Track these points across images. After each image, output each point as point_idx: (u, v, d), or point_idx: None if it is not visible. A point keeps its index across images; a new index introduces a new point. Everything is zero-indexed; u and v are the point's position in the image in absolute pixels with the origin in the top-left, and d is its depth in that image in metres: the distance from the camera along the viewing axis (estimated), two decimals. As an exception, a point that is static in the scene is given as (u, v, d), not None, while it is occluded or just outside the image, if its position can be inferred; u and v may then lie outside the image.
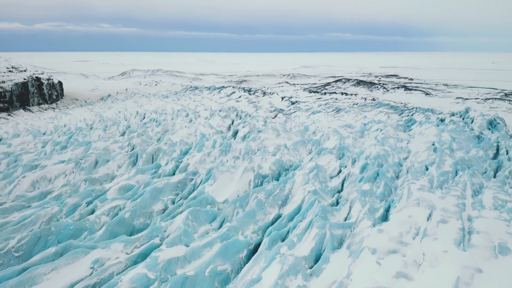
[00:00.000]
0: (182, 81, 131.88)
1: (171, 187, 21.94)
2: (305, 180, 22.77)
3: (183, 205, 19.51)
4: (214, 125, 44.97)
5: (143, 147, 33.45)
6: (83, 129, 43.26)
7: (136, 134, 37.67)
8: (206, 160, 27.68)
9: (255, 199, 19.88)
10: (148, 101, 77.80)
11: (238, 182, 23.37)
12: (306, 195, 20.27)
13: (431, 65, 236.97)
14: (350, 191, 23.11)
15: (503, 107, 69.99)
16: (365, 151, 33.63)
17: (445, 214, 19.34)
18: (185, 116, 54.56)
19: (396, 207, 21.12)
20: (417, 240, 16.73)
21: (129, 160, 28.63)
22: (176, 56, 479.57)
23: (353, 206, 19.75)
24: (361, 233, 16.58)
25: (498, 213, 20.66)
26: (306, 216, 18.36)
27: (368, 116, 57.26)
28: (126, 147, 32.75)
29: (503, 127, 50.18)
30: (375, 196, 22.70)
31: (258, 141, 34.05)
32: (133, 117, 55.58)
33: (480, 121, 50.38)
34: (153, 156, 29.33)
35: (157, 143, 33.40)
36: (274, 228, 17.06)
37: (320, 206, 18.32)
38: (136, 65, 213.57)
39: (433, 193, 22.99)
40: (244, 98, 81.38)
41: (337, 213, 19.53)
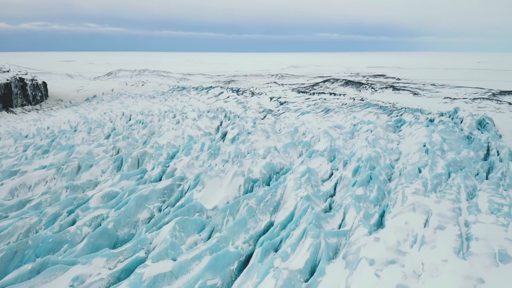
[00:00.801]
0: (169, 81, 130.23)
1: (157, 194, 20.95)
2: (297, 185, 21.99)
3: (170, 214, 18.57)
4: (202, 127, 43.99)
5: (129, 150, 32.37)
6: (66, 131, 41.91)
7: (122, 137, 36.48)
8: (194, 164, 26.72)
9: (245, 206, 19.03)
10: (134, 102, 76.40)
11: (227, 187, 22.49)
12: (299, 201, 19.49)
13: (417, 65, 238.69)
14: (343, 195, 22.40)
15: (491, 107, 70.19)
16: (356, 153, 33.05)
17: (442, 220, 18.75)
18: (172, 118, 53.42)
19: (391, 212, 20.48)
20: (415, 249, 16.06)
21: (113, 164, 27.51)
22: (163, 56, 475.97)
23: (348, 212, 19.03)
24: (357, 242, 15.85)
25: (495, 218, 20.15)
26: (299, 224, 17.57)
27: (357, 116, 56.82)
28: (110, 151, 31.60)
29: (492, 127, 50.12)
30: (369, 201, 22.04)
31: (248, 144, 33.21)
32: (119, 118, 54.27)
33: (470, 121, 50.24)
34: (139, 160, 28.25)
35: (143, 146, 32.36)
36: (266, 238, 16.23)
37: (314, 213, 17.55)
38: (123, 65, 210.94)
39: (428, 197, 22.43)
40: (233, 98, 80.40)
41: (331, 220, 18.78)
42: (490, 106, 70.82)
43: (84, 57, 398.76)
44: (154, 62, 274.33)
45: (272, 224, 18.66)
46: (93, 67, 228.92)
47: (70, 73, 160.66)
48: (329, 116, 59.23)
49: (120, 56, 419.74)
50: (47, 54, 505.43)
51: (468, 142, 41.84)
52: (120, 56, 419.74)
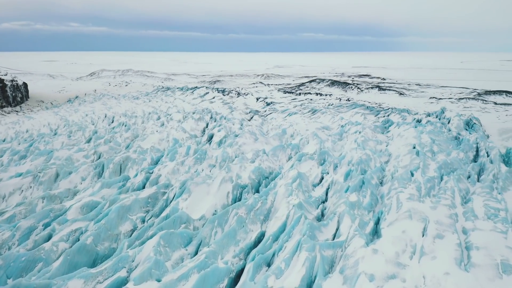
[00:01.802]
0: (153, 82, 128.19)
1: (140, 203, 19.72)
2: (288, 191, 21.00)
3: (154, 226, 17.38)
4: (188, 129, 42.72)
5: (111, 155, 30.97)
6: (46, 135, 40.18)
7: (103, 141, 35.02)
8: (179, 170, 25.51)
9: (235, 216, 17.95)
10: (117, 103, 74.57)
11: (215, 194, 21.37)
12: (291, 209, 18.49)
13: (401, 64, 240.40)
14: (336, 202, 21.48)
15: (477, 107, 70.33)
16: (346, 156, 32.26)
17: (440, 228, 17.97)
18: (157, 119, 51.97)
19: (386, 220, 19.64)
20: (415, 260, 15.21)
21: (94, 171, 26.10)
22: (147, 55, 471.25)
23: (342, 221, 18.10)
24: (354, 254, 14.93)
25: (493, 224, 19.48)
26: (292, 235, 16.57)
27: (344, 117, 56.19)
28: (91, 156, 30.16)
29: (479, 127, 49.98)
30: (362, 208, 21.17)
31: (235, 147, 32.12)
32: (101, 120, 52.60)
33: (457, 122, 50.02)
34: (121, 166, 26.89)
35: (126, 151, 30.98)
36: (258, 252, 15.18)
37: (307, 224, 16.57)
38: (106, 65, 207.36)
39: (423, 203, 21.69)
40: (218, 99, 79.15)
41: (324, 229, 17.83)
42: (476, 106, 70.96)
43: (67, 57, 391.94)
44: (138, 62, 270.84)
45: (263, 235, 17.63)
46: (76, 67, 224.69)
47: (52, 73, 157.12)
48: (316, 117, 58.44)
49: (104, 56, 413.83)
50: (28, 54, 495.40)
51: (456, 143, 41.45)
52: (104, 56, 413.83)
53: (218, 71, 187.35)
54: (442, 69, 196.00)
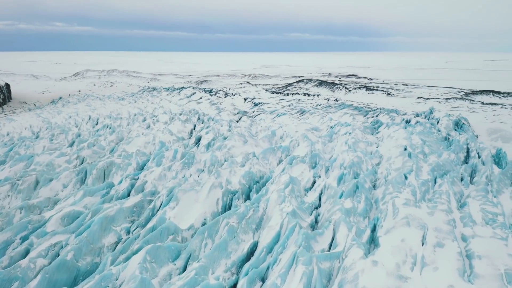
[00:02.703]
0: (139, 82, 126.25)
1: (125, 213, 18.63)
2: (281, 198, 20.14)
3: (140, 238, 16.34)
4: (175, 131, 41.58)
5: (94, 159, 29.73)
6: (26, 139, 38.65)
7: (87, 144, 33.71)
8: (166, 176, 24.43)
9: (226, 226, 17.01)
10: (102, 104, 72.91)
11: (204, 202, 20.39)
12: (284, 217, 17.61)
13: (387, 64, 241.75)
14: (330, 208, 20.67)
15: (464, 107, 70.40)
16: (338, 158, 31.55)
17: (439, 235, 17.29)
18: (142, 121, 50.68)
19: (382, 227, 18.90)
20: (416, 272, 14.47)
21: (76, 177, 24.86)
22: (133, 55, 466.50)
23: (338, 229, 17.29)
24: (353, 267, 14.11)
25: (492, 230, 18.90)
26: (287, 245, 15.70)
27: (333, 118, 55.55)
28: (74, 161, 28.87)
29: (468, 127, 49.81)
30: (358, 214, 20.42)
31: (224, 150, 31.14)
32: (85, 122, 51.10)
33: (446, 122, 49.74)
34: (105, 172, 25.69)
35: (110, 155, 29.76)
36: (251, 266, 14.28)
37: (303, 234, 15.71)
38: (91, 65, 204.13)
39: (419, 208, 21.02)
40: (205, 99, 78.02)
41: (320, 239, 17.00)
42: (463, 106, 71.02)
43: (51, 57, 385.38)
44: (124, 62, 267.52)
45: (256, 245, 16.73)
46: (60, 67, 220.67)
47: (36, 73, 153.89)
48: (305, 117, 57.74)
49: (88, 56, 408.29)
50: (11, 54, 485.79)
51: (447, 144, 41.08)
52: (88, 56, 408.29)
53: (205, 71, 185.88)
54: (427, 69, 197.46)
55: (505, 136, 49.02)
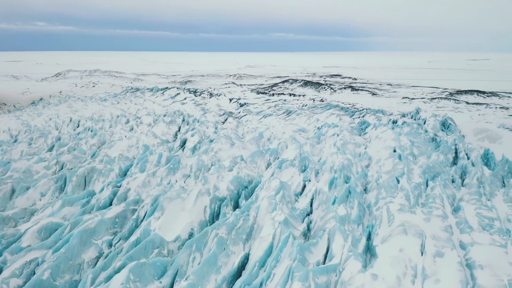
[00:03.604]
0: (122, 82, 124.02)
1: (107, 224, 17.48)
2: (272, 205, 19.23)
3: (123, 252, 15.23)
4: (159, 134, 40.36)
5: (75, 165, 28.41)
6: (4, 143, 36.99)
7: (67, 149, 32.30)
8: (150, 183, 23.29)
9: (215, 238, 16.02)
10: (84, 105, 71.04)
11: (191, 210, 19.36)
12: (277, 227, 16.70)
13: (371, 64, 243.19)
14: (323, 215, 19.86)
15: (450, 107, 70.63)
16: (327, 161, 30.80)
17: (438, 244, 16.61)
18: (125, 123, 49.26)
19: (378, 235, 18.16)
20: (418, 285, 13.76)
21: (55, 185, 23.52)
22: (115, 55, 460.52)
23: (333, 239, 16.46)
24: (352, 281, 13.30)
25: (490, 236, 18.31)
26: (280, 258, 14.80)
27: (320, 118, 54.98)
28: (53, 167, 27.48)
29: (455, 128, 49.76)
30: (352, 221, 19.64)
31: (211, 154, 30.10)
32: (66, 125, 49.43)
33: (433, 122, 49.59)
34: (86, 179, 24.40)
35: (91, 160, 28.46)
36: (244, 282, 13.34)
37: (297, 246, 14.83)
38: (73, 65, 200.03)
39: (414, 214, 20.34)
40: (190, 100, 76.79)
41: (314, 249, 16.16)
42: (448, 106, 71.22)
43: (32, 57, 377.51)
44: (106, 62, 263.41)
45: (247, 258, 15.78)
46: (41, 67, 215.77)
47: (16, 74, 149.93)
48: (292, 118, 57.06)
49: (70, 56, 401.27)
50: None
51: (435, 144, 40.79)
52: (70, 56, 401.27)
53: (189, 71, 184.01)
54: (410, 68, 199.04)
55: (491, 136, 49.07)
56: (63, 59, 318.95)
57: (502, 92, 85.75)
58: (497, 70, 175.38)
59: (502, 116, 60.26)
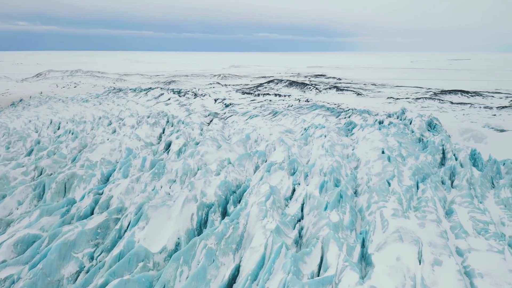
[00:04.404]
0: (104, 83, 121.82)
1: (88, 236, 16.46)
2: (262, 212, 18.45)
3: (105, 267, 14.26)
4: (142, 136, 39.22)
5: (54, 170, 27.18)
6: (-21, 147, 35.43)
7: (46, 153, 30.97)
8: (134, 189, 22.28)
9: (203, 249, 15.16)
10: (65, 106, 69.18)
11: (177, 218, 18.45)
12: (269, 236, 15.92)
13: (354, 64, 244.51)
14: (315, 222, 19.17)
15: (434, 107, 70.99)
16: (316, 163, 30.22)
17: (435, 251, 16.04)
18: (108, 125, 47.91)
19: (373, 242, 17.54)
20: (417, 297, 13.12)
21: (33, 192, 22.31)
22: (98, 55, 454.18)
23: (327, 248, 15.76)
24: (349, 295, 12.59)
25: (486, 241, 17.86)
26: (273, 270, 14.04)
27: (306, 119, 54.52)
28: (31, 172, 26.22)
29: (441, 128, 49.81)
30: (344, 227, 18.98)
31: (197, 157, 29.18)
32: (46, 127, 47.86)
33: (419, 123, 49.55)
34: (66, 185, 23.23)
35: (72, 165, 27.25)
36: (235, 298, 12.51)
37: (291, 257, 14.08)
38: (54, 65, 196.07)
39: (408, 219, 19.81)
40: (174, 100, 75.56)
41: (308, 259, 15.44)
42: (433, 106, 71.56)
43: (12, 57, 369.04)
44: (88, 62, 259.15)
45: (238, 269, 14.97)
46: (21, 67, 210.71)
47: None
48: (278, 119, 56.44)
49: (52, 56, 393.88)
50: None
51: (422, 145, 40.62)
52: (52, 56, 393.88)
53: (173, 71, 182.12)
54: (393, 68, 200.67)
55: (476, 136, 49.29)
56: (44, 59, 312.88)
57: (485, 92, 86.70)
58: (478, 70, 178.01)
59: (486, 116, 60.71)
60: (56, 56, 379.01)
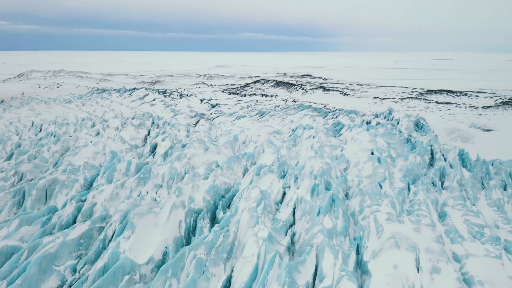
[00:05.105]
0: (88, 83, 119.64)
1: (70, 247, 15.57)
2: (254, 219, 17.79)
3: (89, 281, 13.43)
4: (127, 138, 38.17)
5: (35, 175, 26.08)
6: (-44, 150, 33.98)
7: (27, 157, 29.81)
8: (119, 195, 21.38)
9: (193, 260, 14.42)
10: (47, 107, 67.43)
11: (164, 226, 17.66)
12: (261, 245, 15.25)
13: (339, 64, 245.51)
14: (308, 228, 18.58)
15: (420, 106, 71.24)
16: (306, 166, 29.64)
17: (433, 258, 15.57)
18: (91, 127, 46.69)
19: (367, 248, 17.03)
20: (417, 308, 12.61)
21: (12, 200, 21.24)
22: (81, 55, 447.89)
23: (322, 256, 15.17)
24: (347, 308, 12.01)
25: (483, 246, 17.50)
26: (267, 282, 13.40)
27: (294, 120, 54.05)
28: (11, 178, 25.08)
29: (428, 128, 49.89)
30: (338, 233, 18.41)
31: (184, 160, 28.36)
32: (27, 130, 46.38)
33: (407, 123, 49.55)
34: (47, 192, 22.19)
35: (54, 170, 26.15)
36: (228, 314, 11.83)
37: (286, 267, 13.45)
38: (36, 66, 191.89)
39: (403, 223, 19.36)
40: (159, 101, 74.43)
41: (302, 268, 14.83)
42: (419, 106, 71.82)
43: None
44: (72, 62, 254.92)
45: (229, 281, 14.28)
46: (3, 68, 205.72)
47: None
48: (265, 120, 55.86)
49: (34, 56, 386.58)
50: None
51: (410, 145, 40.50)
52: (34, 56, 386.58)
53: (157, 70, 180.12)
54: (378, 68, 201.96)
55: (463, 136, 49.41)
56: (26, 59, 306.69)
57: (470, 92, 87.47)
58: (462, 69, 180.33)
59: (472, 116, 61.10)
60: (38, 56, 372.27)
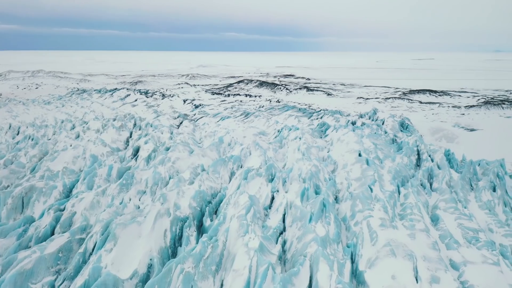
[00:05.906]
0: (67, 83, 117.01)
1: (47, 262, 14.49)
2: (243, 227, 16.99)
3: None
4: (108, 141, 36.90)
5: (11, 181, 24.74)
6: None
7: (3, 162, 28.36)
8: (100, 203, 20.29)
9: (180, 274, 13.54)
10: (25, 109, 65.33)
11: (149, 236, 16.70)
12: (252, 257, 14.46)
13: (322, 64, 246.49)
14: (299, 235, 17.87)
15: (404, 106, 71.46)
16: (294, 168, 28.91)
17: (431, 266, 15.02)
18: (71, 129, 45.19)
19: (362, 256, 16.40)
20: (418, 322, 11.99)
21: (-15, 210, 20.03)
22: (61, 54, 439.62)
23: (317, 267, 14.46)
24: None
25: (479, 252, 17.06)
26: (260, 297, 12.58)
27: (279, 121, 53.44)
28: (-16, 185, 23.74)
29: (413, 128, 49.87)
30: (331, 240, 17.73)
31: (169, 164, 27.36)
32: (4, 132, 44.64)
33: (392, 123, 49.45)
34: (23, 200, 20.96)
35: (31, 176, 24.84)
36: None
37: (280, 281, 12.68)
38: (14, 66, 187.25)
39: (397, 229, 18.78)
40: (141, 101, 73.01)
41: (296, 280, 14.11)
42: (403, 106, 72.05)
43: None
44: (51, 62, 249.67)
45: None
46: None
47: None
48: (250, 120, 55.11)
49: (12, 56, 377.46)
50: None
51: (396, 146, 40.26)
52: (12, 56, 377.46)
53: (139, 70, 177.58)
54: (360, 68, 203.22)
55: (448, 136, 49.59)
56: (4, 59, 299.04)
57: (452, 91, 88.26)
58: (442, 69, 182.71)
59: (455, 115, 61.47)
60: (17, 56, 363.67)
